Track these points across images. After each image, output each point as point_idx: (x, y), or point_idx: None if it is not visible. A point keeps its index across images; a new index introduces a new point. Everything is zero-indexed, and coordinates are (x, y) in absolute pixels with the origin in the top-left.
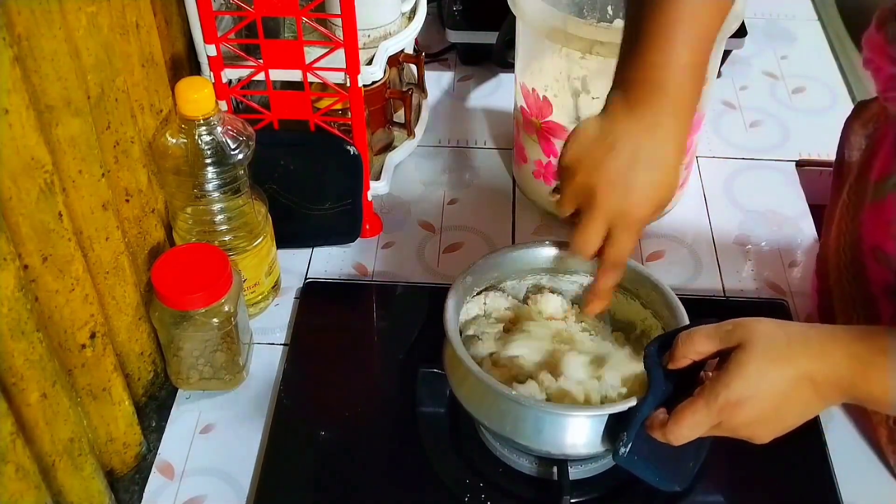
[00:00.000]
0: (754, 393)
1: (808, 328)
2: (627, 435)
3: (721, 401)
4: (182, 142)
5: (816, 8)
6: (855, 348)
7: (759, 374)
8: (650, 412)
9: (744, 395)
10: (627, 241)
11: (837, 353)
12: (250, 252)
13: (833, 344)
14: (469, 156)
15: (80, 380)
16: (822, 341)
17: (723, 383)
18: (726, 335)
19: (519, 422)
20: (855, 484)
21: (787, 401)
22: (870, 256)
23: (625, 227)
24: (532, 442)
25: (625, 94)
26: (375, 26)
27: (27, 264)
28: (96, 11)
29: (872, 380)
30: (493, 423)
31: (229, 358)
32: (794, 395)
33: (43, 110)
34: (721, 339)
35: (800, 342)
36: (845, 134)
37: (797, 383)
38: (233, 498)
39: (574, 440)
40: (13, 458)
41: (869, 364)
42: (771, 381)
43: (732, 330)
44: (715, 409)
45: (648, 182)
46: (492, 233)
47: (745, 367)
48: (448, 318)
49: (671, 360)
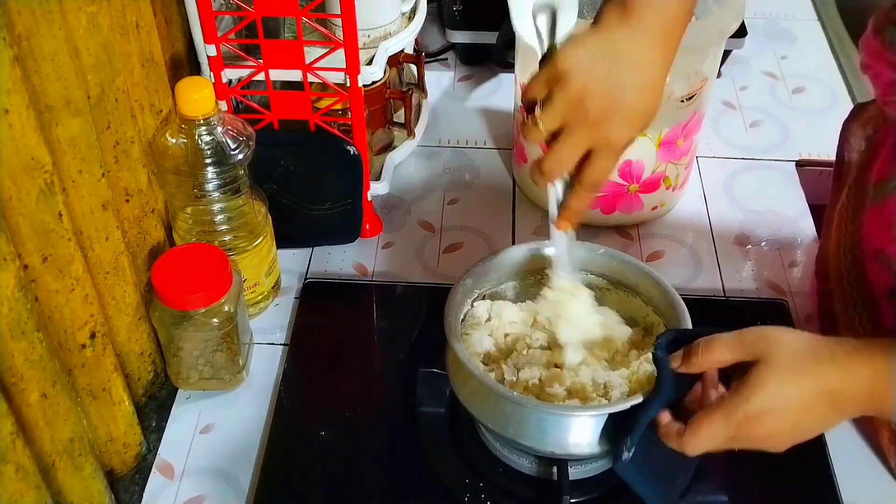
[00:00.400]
0: (774, 407)
1: (834, 343)
2: (631, 439)
3: (740, 414)
4: (182, 142)
5: (816, 8)
6: (880, 363)
7: (780, 388)
8: (655, 416)
9: (764, 410)
10: (610, 165)
11: (864, 371)
12: (250, 252)
13: (860, 360)
14: (469, 156)
15: (80, 380)
16: (850, 358)
17: (743, 396)
18: (749, 346)
19: (522, 423)
20: (855, 485)
21: (806, 415)
22: (871, 259)
23: (610, 152)
24: (535, 442)
25: (621, 6)
26: (375, 26)
27: (27, 264)
28: (96, 11)
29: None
30: (496, 425)
31: (229, 358)
32: (814, 410)
33: (43, 110)
34: (743, 351)
35: (827, 359)
36: (844, 136)
37: (818, 398)
38: (233, 498)
39: (578, 440)
40: (13, 458)
41: (894, 377)
42: (792, 396)
43: (754, 341)
44: (734, 423)
45: (641, 106)
46: (492, 233)
47: (767, 382)
48: (449, 321)
49: (685, 366)
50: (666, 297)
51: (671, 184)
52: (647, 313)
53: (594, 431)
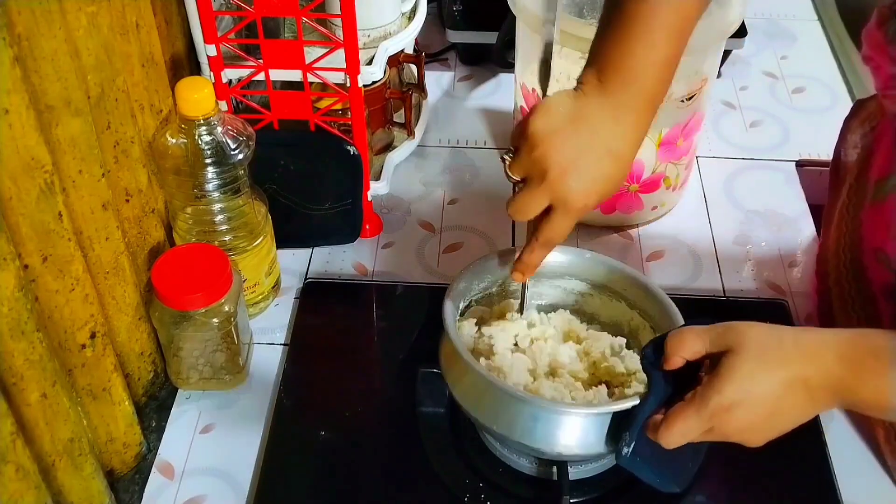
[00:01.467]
0: (746, 398)
1: (800, 332)
2: (630, 435)
3: (712, 406)
4: (182, 142)
5: (816, 8)
6: (847, 351)
7: (750, 378)
8: (651, 412)
9: (735, 401)
10: (564, 225)
11: (829, 356)
12: (250, 252)
13: (825, 347)
14: (469, 156)
15: (80, 380)
16: (815, 344)
17: (714, 389)
18: (717, 337)
19: (525, 421)
20: (855, 484)
21: (779, 405)
22: (870, 257)
23: (565, 212)
24: (540, 443)
25: (599, 74)
26: (375, 26)
27: (27, 264)
28: (96, 11)
29: (866, 383)
30: (487, 420)
31: (229, 358)
32: (786, 400)
33: (43, 110)
34: (711, 341)
35: (792, 346)
36: (843, 133)
37: (789, 387)
38: (233, 498)
39: (568, 440)
40: (13, 458)
41: (861, 366)
42: (763, 385)
43: (723, 333)
44: (706, 415)
45: (600, 173)
46: (492, 233)
47: (737, 372)
48: (447, 315)
49: (665, 361)
50: (654, 298)
51: (671, 184)
52: (632, 317)
53: (590, 430)
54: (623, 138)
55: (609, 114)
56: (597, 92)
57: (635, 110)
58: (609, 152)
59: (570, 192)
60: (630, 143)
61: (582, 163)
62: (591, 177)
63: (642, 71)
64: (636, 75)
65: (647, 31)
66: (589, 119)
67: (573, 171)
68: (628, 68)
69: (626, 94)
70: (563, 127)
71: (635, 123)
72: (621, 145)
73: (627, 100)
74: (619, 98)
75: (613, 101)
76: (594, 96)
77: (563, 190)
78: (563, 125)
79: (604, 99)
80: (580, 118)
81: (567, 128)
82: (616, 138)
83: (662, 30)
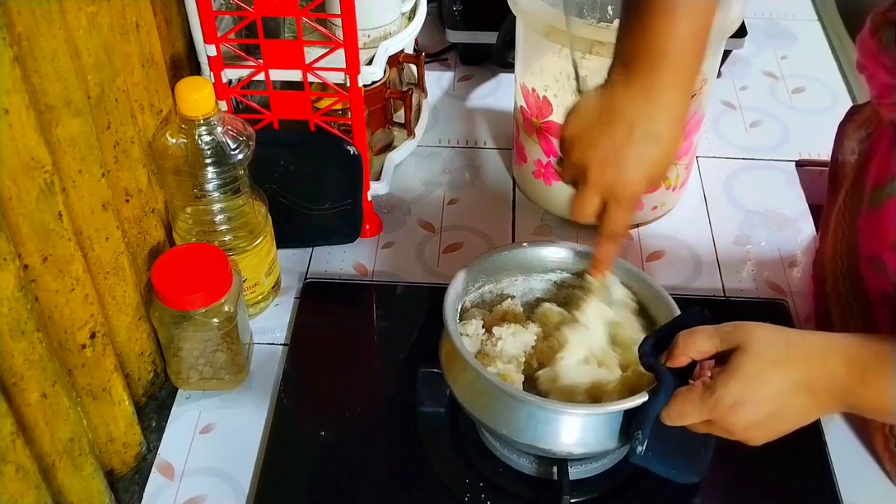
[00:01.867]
0: (751, 396)
1: (807, 334)
2: (643, 433)
3: (716, 398)
4: (182, 142)
5: (816, 8)
6: (853, 354)
7: (757, 377)
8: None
9: (741, 398)
10: (621, 214)
11: (835, 359)
12: (250, 252)
13: (831, 350)
14: (469, 156)
15: (80, 380)
16: (821, 347)
17: (721, 382)
18: (726, 336)
19: (525, 420)
20: (856, 486)
21: (783, 406)
22: (867, 265)
23: (617, 204)
24: (539, 442)
25: (625, 67)
26: (375, 26)
27: (27, 264)
28: (96, 11)
29: (870, 386)
30: (487, 419)
31: (229, 358)
32: (790, 401)
33: (43, 110)
34: (721, 340)
35: (799, 348)
36: (839, 138)
37: (794, 388)
38: (233, 498)
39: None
40: (13, 458)
41: (866, 370)
42: (768, 385)
43: (732, 332)
44: (708, 405)
45: (642, 158)
46: (492, 233)
47: (744, 370)
48: (447, 313)
49: (669, 358)
50: (652, 292)
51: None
52: None
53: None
54: (659, 118)
55: (640, 98)
56: (623, 80)
57: (668, 87)
58: (647, 135)
59: (614, 184)
60: (669, 121)
61: (620, 153)
62: (632, 164)
63: (670, 48)
64: (663, 54)
65: (666, 10)
66: (619, 109)
67: (612, 163)
68: (654, 49)
69: (654, 75)
70: (594, 123)
71: (671, 101)
72: (658, 125)
73: (657, 79)
74: (648, 80)
75: (643, 83)
76: (621, 85)
77: (607, 183)
78: (594, 122)
79: (630, 87)
80: (610, 110)
81: (598, 124)
82: (652, 120)
83: (682, 8)
